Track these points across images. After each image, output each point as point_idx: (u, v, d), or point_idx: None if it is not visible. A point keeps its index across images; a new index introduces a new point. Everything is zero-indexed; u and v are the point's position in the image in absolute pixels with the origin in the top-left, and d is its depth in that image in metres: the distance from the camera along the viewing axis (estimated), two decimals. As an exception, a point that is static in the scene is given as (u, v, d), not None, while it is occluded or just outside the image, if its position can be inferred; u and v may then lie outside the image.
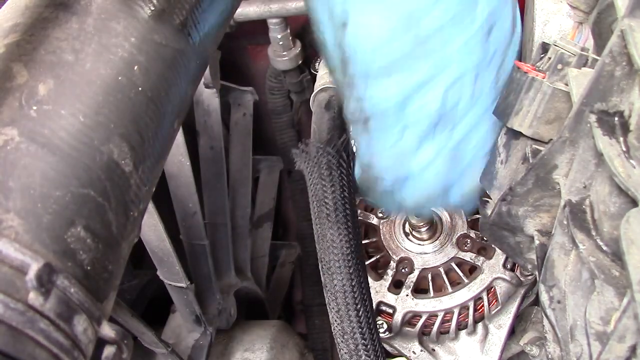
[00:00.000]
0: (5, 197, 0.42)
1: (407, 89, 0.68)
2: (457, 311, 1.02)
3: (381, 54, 0.65)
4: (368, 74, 0.67)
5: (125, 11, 0.52)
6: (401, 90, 0.68)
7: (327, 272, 0.76)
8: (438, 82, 0.68)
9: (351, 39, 0.65)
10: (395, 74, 0.67)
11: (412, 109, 0.69)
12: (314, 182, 0.79)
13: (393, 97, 0.69)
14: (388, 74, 0.67)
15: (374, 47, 0.65)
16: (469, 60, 0.68)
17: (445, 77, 0.68)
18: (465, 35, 0.66)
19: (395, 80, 0.67)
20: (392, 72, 0.67)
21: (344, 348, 0.75)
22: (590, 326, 0.55)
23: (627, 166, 0.50)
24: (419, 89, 0.68)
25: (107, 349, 0.47)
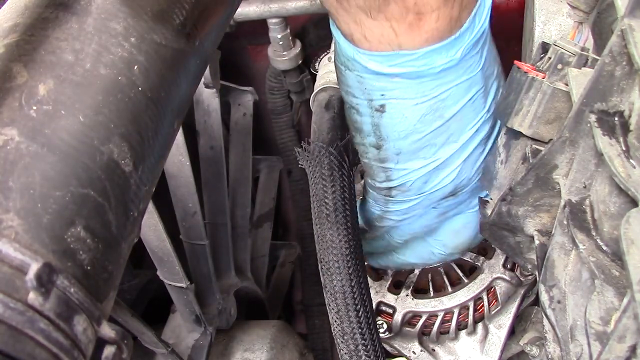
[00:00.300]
0: (5, 197, 0.42)
1: (430, 167, 0.77)
2: (457, 311, 1.02)
3: (412, 137, 0.74)
4: (400, 152, 0.76)
5: (125, 11, 0.52)
6: (425, 168, 0.77)
7: (326, 273, 0.76)
8: (455, 160, 0.77)
9: (387, 122, 0.73)
10: (421, 152, 0.76)
11: (431, 184, 0.79)
12: (315, 181, 0.79)
13: (418, 173, 0.78)
14: (416, 153, 0.76)
15: (407, 131, 0.73)
16: (478, 138, 0.77)
17: (460, 155, 0.77)
18: (478, 117, 0.75)
19: (421, 158, 0.76)
20: (419, 151, 0.75)
21: (344, 349, 0.75)
22: (590, 326, 0.55)
23: (627, 166, 0.50)
24: (440, 166, 0.77)
25: (107, 349, 0.47)
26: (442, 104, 0.71)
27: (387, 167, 0.78)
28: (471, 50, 0.68)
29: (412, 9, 0.61)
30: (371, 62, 0.67)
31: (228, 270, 1.18)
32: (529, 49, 0.94)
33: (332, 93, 0.94)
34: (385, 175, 0.79)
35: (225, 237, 1.16)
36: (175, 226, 1.03)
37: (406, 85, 0.69)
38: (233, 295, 1.19)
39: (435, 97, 0.70)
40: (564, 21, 0.88)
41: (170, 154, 0.85)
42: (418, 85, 0.69)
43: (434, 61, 0.66)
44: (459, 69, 0.68)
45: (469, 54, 0.68)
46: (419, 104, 0.70)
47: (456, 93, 0.71)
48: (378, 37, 0.65)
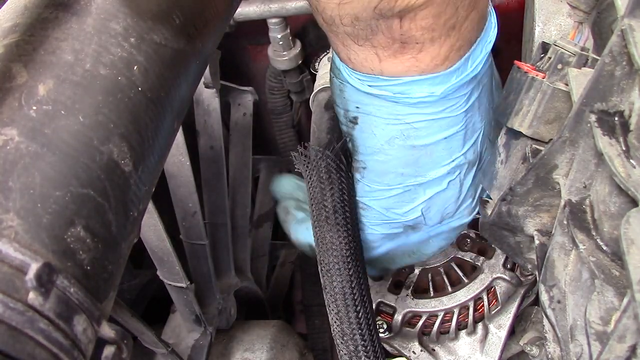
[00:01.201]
0: (5, 197, 0.42)
1: (393, 194, 0.77)
2: (457, 311, 1.02)
3: (378, 156, 0.75)
4: (366, 167, 0.77)
5: (124, 11, 0.52)
6: (387, 193, 0.78)
7: (326, 275, 0.76)
8: (419, 196, 0.77)
9: (358, 135, 0.75)
10: (386, 177, 0.76)
11: (393, 212, 0.79)
12: (313, 185, 0.79)
13: (380, 197, 0.78)
14: (381, 176, 0.77)
15: (374, 149, 0.74)
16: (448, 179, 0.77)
17: (426, 191, 0.77)
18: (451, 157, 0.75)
19: (385, 183, 0.77)
20: (384, 175, 0.76)
21: (344, 349, 0.75)
22: (590, 326, 0.55)
23: (627, 166, 0.50)
24: (403, 197, 0.77)
25: (107, 348, 0.47)
26: (414, 132, 0.71)
27: (356, 177, 0.80)
28: (456, 92, 0.68)
29: (398, 38, 0.62)
30: (353, 79, 0.69)
31: (228, 270, 1.18)
32: (529, 49, 0.94)
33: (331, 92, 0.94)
34: (356, 187, 0.80)
35: (225, 237, 1.16)
36: (175, 226, 1.02)
37: (380, 104, 0.70)
38: (233, 295, 1.19)
39: (408, 123, 0.70)
40: (564, 21, 0.88)
41: (170, 154, 0.85)
42: (393, 107, 0.70)
43: (412, 91, 0.67)
44: (438, 105, 0.69)
45: (452, 94, 0.68)
46: (390, 124, 0.71)
47: (431, 126, 0.71)
48: (362, 60, 0.66)
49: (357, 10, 0.59)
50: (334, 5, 0.59)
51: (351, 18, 0.60)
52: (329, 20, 0.62)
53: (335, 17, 0.61)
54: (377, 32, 0.61)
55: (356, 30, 0.62)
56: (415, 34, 0.61)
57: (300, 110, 1.50)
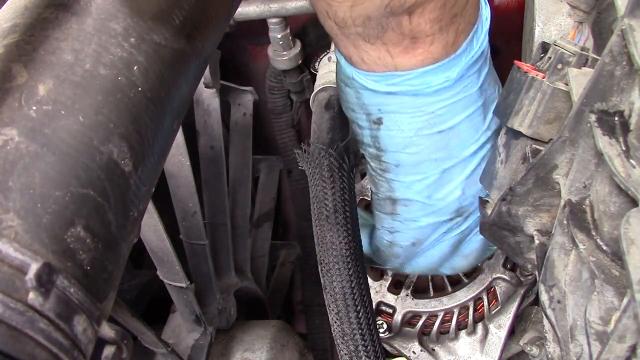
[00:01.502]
0: (5, 197, 0.42)
1: (430, 180, 0.77)
2: (457, 311, 1.02)
3: (410, 149, 0.75)
4: (399, 164, 0.77)
5: (124, 12, 0.52)
6: (426, 181, 0.78)
7: (326, 274, 0.76)
8: (457, 176, 0.78)
9: (384, 134, 0.75)
10: (421, 167, 0.76)
11: (434, 199, 0.79)
12: (315, 183, 0.79)
13: (419, 186, 0.78)
14: (416, 167, 0.77)
15: (404, 143, 0.75)
16: (480, 154, 0.78)
17: (463, 171, 0.78)
18: (478, 133, 0.76)
19: (422, 172, 0.77)
20: (419, 165, 0.76)
21: (344, 349, 0.75)
22: (590, 326, 0.55)
23: (627, 166, 0.50)
24: (441, 181, 0.78)
25: (107, 348, 0.47)
26: (439, 119, 0.72)
27: (388, 177, 0.79)
28: (468, 70, 0.70)
29: (408, 34, 0.64)
30: (369, 81, 0.70)
31: (228, 270, 1.18)
32: (529, 49, 0.94)
33: (332, 93, 0.94)
34: (388, 185, 0.80)
35: (225, 237, 1.16)
36: (175, 226, 1.02)
37: (402, 100, 0.71)
38: (233, 295, 1.19)
39: (432, 112, 0.72)
40: (564, 21, 0.88)
41: (170, 154, 0.85)
42: (414, 100, 0.71)
43: (430, 81, 0.69)
44: (455, 87, 0.70)
45: (465, 74, 0.70)
46: (415, 117, 0.72)
47: (453, 109, 0.72)
48: (375, 59, 0.68)
49: (369, 10, 0.60)
50: (346, 7, 0.61)
51: (363, 18, 0.62)
52: (341, 23, 0.63)
53: (347, 19, 0.62)
54: (387, 29, 0.63)
55: (367, 29, 0.63)
56: (424, 28, 0.63)
57: (300, 110, 1.50)
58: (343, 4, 0.60)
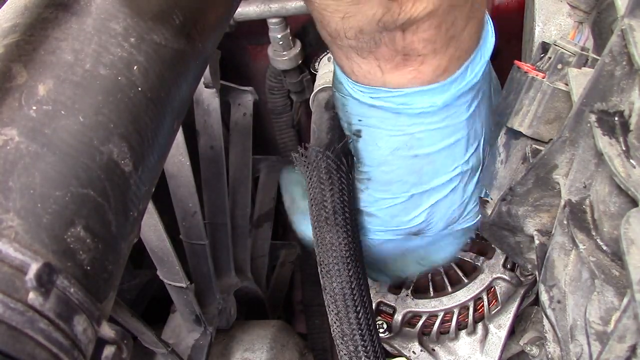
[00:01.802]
0: (5, 197, 0.42)
1: (397, 201, 0.78)
2: (457, 311, 1.01)
3: (383, 167, 0.76)
4: (371, 178, 0.78)
5: (124, 12, 0.52)
6: (392, 201, 0.78)
7: (326, 275, 0.76)
8: (424, 202, 0.78)
9: (362, 147, 0.76)
10: (392, 187, 0.77)
11: (398, 220, 0.80)
12: (313, 185, 0.79)
13: (384, 204, 0.79)
14: (386, 186, 0.78)
15: (379, 160, 0.76)
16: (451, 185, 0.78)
17: (430, 198, 0.78)
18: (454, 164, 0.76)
19: (391, 192, 0.78)
20: (390, 185, 0.77)
21: (344, 350, 0.75)
22: (590, 326, 0.55)
23: (627, 166, 0.50)
24: (408, 205, 0.78)
25: (107, 348, 0.47)
26: (417, 142, 0.72)
27: (359, 187, 0.80)
28: (457, 100, 0.69)
29: (400, 50, 0.63)
30: (355, 90, 0.70)
31: (228, 270, 1.18)
32: (529, 49, 0.94)
33: (332, 93, 0.94)
34: (359, 196, 0.81)
35: (225, 237, 1.16)
36: (175, 226, 1.02)
37: (383, 116, 0.71)
38: (233, 295, 1.19)
39: (410, 134, 0.71)
40: (564, 21, 0.88)
41: (170, 154, 0.85)
42: (395, 118, 0.70)
43: (414, 102, 0.68)
44: (439, 114, 0.69)
45: (454, 103, 0.69)
46: (393, 136, 0.72)
47: (432, 136, 0.72)
48: (365, 73, 0.67)
49: (362, 24, 0.60)
50: (338, 18, 0.60)
51: (355, 31, 0.61)
52: (334, 34, 0.63)
53: (339, 31, 0.62)
54: (380, 44, 0.62)
55: (360, 43, 0.63)
56: (417, 47, 0.62)
57: (300, 110, 1.50)
58: (334, 15, 0.60)
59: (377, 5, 0.57)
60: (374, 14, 0.58)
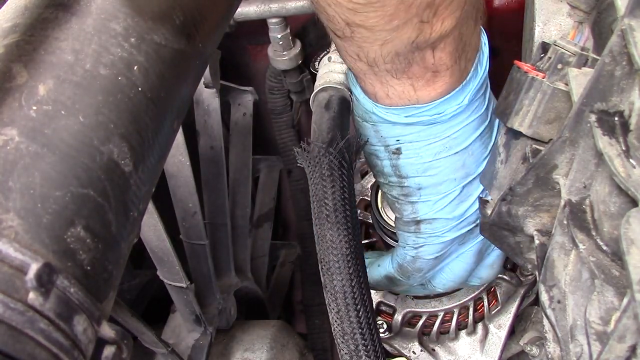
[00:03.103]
0: (5, 197, 0.42)
1: (451, 197, 0.82)
2: (457, 311, 1.02)
3: (430, 172, 0.80)
4: (420, 187, 0.82)
5: (124, 12, 0.52)
6: (447, 198, 0.82)
7: (326, 273, 0.76)
8: (475, 190, 0.82)
9: (404, 162, 0.80)
10: (442, 186, 0.81)
11: (456, 214, 0.83)
12: (315, 182, 0.79)
13: (442, 204, 0.82)
14: (437, 187, 0.81)
15: (424, 168, 0.80)
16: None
17: (480, 184, 0.82)
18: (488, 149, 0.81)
19: (442, 191, 0.82)
20: (440, 185, 0.81)
21: (344, 349, 0.75)
22: (590, 326, 0.55)
23: (627, 166, 0.50)
24: (461, 197, 0.82)
25: (107, 348, 0.47)
26: (454, 142, 0.78)
27: (412, 200, 0.83)
28: (476, 94, 0.75)
29: (431, 67, 0.69)
30: (389, 115, 0.75)
31: (228, 270, 1.18)
32: (529, 49, 0.94)
33: (332, 93, 0.94)
34: (412, 208, 0.84)
35: (225, 237, 1.16)
36: (175, 226, 1.02)
37: (419, 130, 0.76)
38: (233, 295, 1.19)
39: (447, 137, 0.77)
40: (564, 21, 0.88)
41: (170, 154, 0.85)
42: (430, 129, 0.76)
43: (445, 109, 0.73)
44: (466, 111, 0.75)
45: (474, 98, 0.75)
46: (432, 143, 0.77)
47: (465, 132, 0.77)
48: (399, 93, 0.72)
49: (398, 47, 0.65)
50: (377, 47, 0.65)
51: (392, 55, 0.66)
52: (372, 62, 0.68)
53: (377, 58, 0.67)
54: (413, 63, 0.68)
55: (395, 65, 0.68)
56: (446, 61, 0.68)
57: (300, 110, 1.50)
58: (374, 44, 0.65)
59: (412, 29, 0.62)
60: (409, 37, 0.63)
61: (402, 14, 0.61)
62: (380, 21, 0.62)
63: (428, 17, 0.62)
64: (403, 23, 0.62)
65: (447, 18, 0.63)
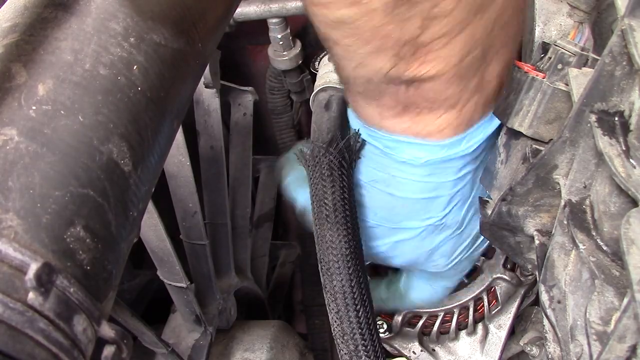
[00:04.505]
0: (4, 197, 0.42)
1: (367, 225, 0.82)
2: (457, 311, 1.01)
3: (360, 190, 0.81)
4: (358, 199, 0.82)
5: (124, 11, 0.52)
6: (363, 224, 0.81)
7: (326, 273, 0.76)
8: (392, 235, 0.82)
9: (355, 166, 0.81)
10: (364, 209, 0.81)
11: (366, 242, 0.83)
12: (314, 182, 0.79)
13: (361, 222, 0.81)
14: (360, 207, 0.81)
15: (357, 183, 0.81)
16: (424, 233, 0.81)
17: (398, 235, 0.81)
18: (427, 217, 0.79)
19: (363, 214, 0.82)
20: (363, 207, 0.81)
21: (344, 349, 0.75)
22: (590, 326, 0.55)
23: (627, 166, 0.50)
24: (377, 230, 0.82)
25: (107, 348, 0.47)
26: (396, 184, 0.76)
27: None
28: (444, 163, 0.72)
29: (403, 101, 0.67)
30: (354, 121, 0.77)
31: (228, 270, 1.18)
32: (529, 49, 0.94)
33: (332, 93, 0.94)
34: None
35: (225, 237, 1.16)
36: (175, 226, 1.02)
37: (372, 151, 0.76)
38: (233, 295, 1.19)
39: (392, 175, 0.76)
40: (564, 21, 0.88)
41: (170, 154, 0.85)
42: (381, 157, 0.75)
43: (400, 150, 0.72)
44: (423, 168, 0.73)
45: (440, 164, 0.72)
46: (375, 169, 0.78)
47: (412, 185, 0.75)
48: (366, 115, 0.74)
49: (371, 74, 0.64)
50: (351, 67, 0.66)
51: (364, 80, 0.66)
52: (345, 80, 0.70)
53: (350, 78, 0.68)
54: (385, 94, 0.67)
55: (366, 90, 0.68)
56: (416, 100, 0.66)
57: (301, 110, 1.50)
58: (349, 64, 0.65)
59: (386, 60, 0.61)
60: (382, 67, 0.62)
61: (377, 42, 0.59)
62: (354, 44, 0.61)
63: (405, 54, 0.59)
64: (376, 51, 0.60)
65: (427, 63, 0.60)
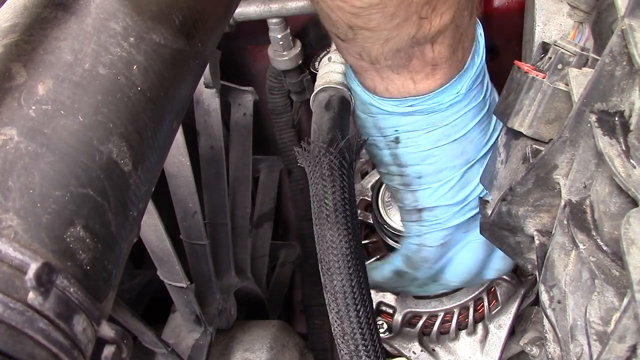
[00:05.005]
0: (4, 197, 0.42)
1: (451, 184, 0.83)
2: (457, 311, 1.02)
3: (429, 160, 0.81)
4: (420, 175, 0.83)
5: (124, 11, 0.52)
6: (447, 185, 0.83)
7: (326, 273, 0.76)
8: (474, 176, 0.83)
9: (403, 151, 0.82)
10: (441, 174, 0.82)
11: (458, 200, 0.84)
12: (315, 182, 0.79)
13: (442, 192, 0.83)
14: (436, 175, 0.82)
15: (423, 156, 0.81)
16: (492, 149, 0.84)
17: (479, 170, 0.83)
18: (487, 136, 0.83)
19: (442, 178, 0.83)
20: (439, 173, 0.82)
21: (344, 349, 0.75)
22: (590, 326, 0.55)
23: (627, 166, 0.50)
24: (461, 183, 0.83)
25: (107, 348, 0.47)
26: (452, 129, 0.79)
27: (412, 189, 0.85)
28: (474, 82, 0.77)
29: (430, 61, 0.70)
30: (386, 105, 0.77)
31: (228, 270, 1.18)
32: (529, 49, 0.94)
33: (332, 93, 0.94)
34: (413, 197, 0.85)
35: (225, 237, 1.16)
36: (175, 226, 1.02)
37: (416, 119, 0.78)
38: (233, 295, 1.19)
39: (445, 125, 0.78)
40: (564, 21, 0.88)
41: (170, 154, 0.85)
42: (428, 118, 0.77)
43: (442, 99, 0.75)
44: (464, 100, 0.77)
45: (472, 86, 0.77)
46: (430, 132, 0.79)
47: (464, 119, 0.78)
48: (398, 87, 0.75)
49: (399, 44, 0.67)
50: (378, 45, 0.67)
51: (393, 52, 0.68)
52: (374, 60, 0.70)
53: (379, 56, 0.69)
54: (413, 58, 0.69)
55: (396, 61, 0.70)
56: (444, 53, 0.70)
57: (301, 110, 1.50)
58: (376, 43, 0.67)
59: (412, 26, 0.64)
60: (409, 33, 0.65)
61: (402, 13, 0.62)
62: (381, 21, 0.63)
63: (427, 13, 0.64)
64: (403, 21, 0.63)
65: (445, 13, 0.65)
